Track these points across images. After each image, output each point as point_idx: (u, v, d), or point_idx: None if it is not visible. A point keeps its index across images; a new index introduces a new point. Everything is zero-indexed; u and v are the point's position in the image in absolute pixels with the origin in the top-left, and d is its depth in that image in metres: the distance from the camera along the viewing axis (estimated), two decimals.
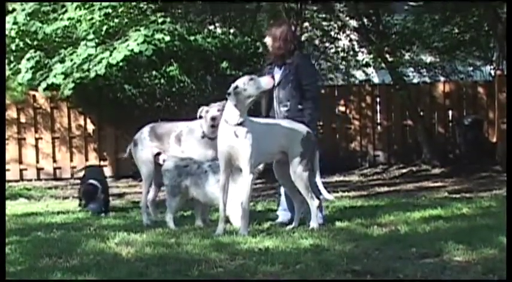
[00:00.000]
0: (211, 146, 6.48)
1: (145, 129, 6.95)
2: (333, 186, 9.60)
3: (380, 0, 12.68)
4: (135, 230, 6.11)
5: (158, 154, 6.80)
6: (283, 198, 6.61)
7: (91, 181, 7.82)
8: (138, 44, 8.99)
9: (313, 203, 6.09)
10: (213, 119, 6.44)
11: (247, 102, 5.81)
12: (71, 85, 9.24)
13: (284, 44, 6.40)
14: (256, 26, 14.49)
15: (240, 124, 5.76)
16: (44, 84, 9.31)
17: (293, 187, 6.18)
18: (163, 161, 6.62)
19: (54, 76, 9.10)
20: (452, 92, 13.23)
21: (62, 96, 10.40)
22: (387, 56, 12.96)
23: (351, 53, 15.66)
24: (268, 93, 6.29)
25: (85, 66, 8.99)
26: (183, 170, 6.35)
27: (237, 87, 5.81)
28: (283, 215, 6.59)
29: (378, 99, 13.38)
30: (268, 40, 6.49)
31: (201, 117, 6.58)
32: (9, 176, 11.25)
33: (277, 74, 6.42)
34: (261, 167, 6.21)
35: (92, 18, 9.51)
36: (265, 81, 5.90)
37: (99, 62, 8.94)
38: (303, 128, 6.12)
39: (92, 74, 8.97)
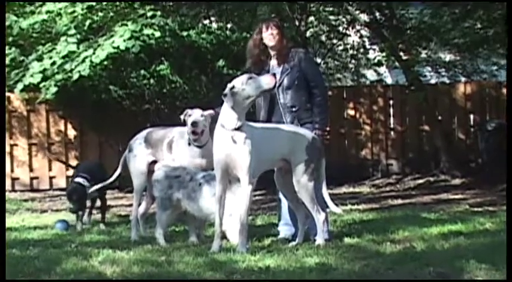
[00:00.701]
0: (199, 155, 6.49)
1: (141, 135, 6.97)
2: (341, 198, 9.61)
3: None
4: (121, 246, 6.11)
5: (154, 162, 6.82)
6: (285, 212, 6.61)
7: (78, 179, 7.67)
8: (124, 41, 9.02)
9: (319, 217, 6.10)
10: (194, 124, 6.44)
11: (246, 104, 5.83)
12: (54, 88, 9.26)
13: (284, 36, 6.49)
14: (256, 21, 14.52)
15: (238, 129, 5.78)
16: (20, 85, 9.33)
17: (296, 199, 6.19)
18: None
19: (31, 76, 9.12)
20: (474, 94, 13.26)
21: (42, 100, 10.42)
22: (401, 53, 12.99)
23: (361, 50, 15.72)
24: (269, 94, 6.32)
25: (67, 66, 9.01)
26: (175, 181, 6.36)
27: (234, 87, 5.83)
28: (285, 230, 6.59)
29: (391, 102, 13.41)
30: (275, 31, 6.47)
31: (185, 121, 6.60)
32: None
33: (277, 73, 6.44)
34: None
35: (73, 12, 9.54)
36: (266, 80, 5.90)
37: (82, 61, 8.96)
38: (307, 133, 6.14)
39: (75, 76, 8.98)
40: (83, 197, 7.60)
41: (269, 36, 6.48)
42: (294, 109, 6.40)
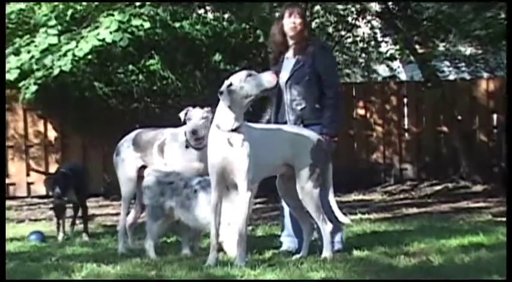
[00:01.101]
0: (197, 158, 6.50)
1: (130, 137, 6.95)
2: (350, 206, 9.62)
3: None
4: (107, 260, 6.11)
5: (144, 167, 6.82)
6: (287, 221, 6.62)
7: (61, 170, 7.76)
8: (111, 32, 9.03)
9: (326, 228, 6.11)
10: (194, 132, 6.45)
11: (244, 103, 5.84)
12: (34, 87, 9.26)
13: (306, 27, 6.52)
14: (256, 10, 14.53)
15: (235, 130, 5.78)
16: None
17: (301, 207, 6.20)
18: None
19: (8, 72, 9.12)
20: (497, 91, 13.27)
21: (23, 103, 10.44)
22: (417, 46, 13.01)
23: (373, 43, 15.70)
24: (275, 92, 6.34)
25: (47, 61, 9.01)
26: (167, 188, 6.37)
27: (231, 84, 5.84)
28: (288, 241, 6.60)
29: (405, 100, 13.43)
30: (298, 21, 6.50)
31: (185, 121, 6.59)
32: None
33: (288, 66, 6.47)
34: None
35: (53, 0, 9.55)
36: (267, 78, 5.91)
37: (64, 55, 8.96)
38: (312, 135, 6.15)
39: (56, 71, 8.99)
40: (68, 184, 7.60)
41: (290, 24, 6.49)
42: (299, 107, 6.41)
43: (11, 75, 9.16)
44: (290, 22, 6.49)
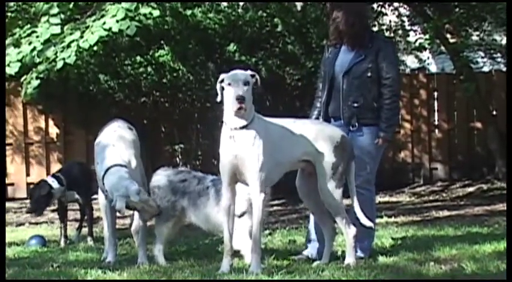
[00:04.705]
0: None
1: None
2: (375, 209, 9.59)
3: None
4: (113, 267, 6.15)
5: None
6: (311, 225, 6.65)
7: (48, 178, 7.86)
8: (117, 21, 9.02)
9: (349, 232, 6.11)
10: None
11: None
12: (36, 82, 9.29)
13: (360, 20, 6.48)
14: None
15: (245, 127, 5.79)
16: None
17: (322, 210, 6.22)
18: None
19: (8, 65, 9.14)
20: None
21: (24, 98, 10.47)
22: (448, 36, 12.96)
23: (400, 32, 15.67)
24: (328, 81, 6.39)
25: (49, 53, 9.02)
26: (179, 186, 6.39)
27: (222, 81, 5.87)
28: (310, 246, 6.61)
29: (435, 94, 13.40)
30: (338, 14, 6.49)
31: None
32: None
33: (346, 58, 6.46)
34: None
35: None
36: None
37: (68, 46, 8.98)
38: (337, 131, 6.14)
39: (59, 64, 9.01)
40: (44, 197, 7.70)
41: (334, 19, 6.50)
42: (355, 104, 6.41)
43: (11, 69, 9.16)
44: (334, 17, 6.51)
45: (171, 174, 6.49)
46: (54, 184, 7.71)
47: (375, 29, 15.96)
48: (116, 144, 6.62)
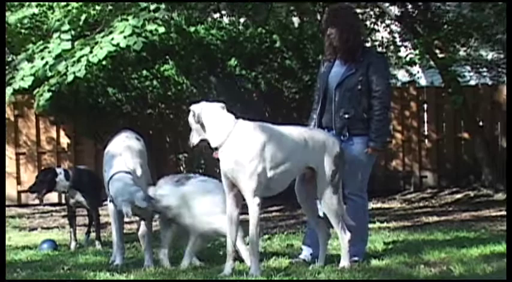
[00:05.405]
0: None
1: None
2: (368, 215, 9.57)
3: None
4: (120, 269, 6.14)
5: None
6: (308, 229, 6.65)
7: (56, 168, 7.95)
8: (125, 37, 9.04)
9: (345, 237, 6.11)
10: None
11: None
12: (48, 94, 9.29)
13: (354, 35, 6.47)
14: (273, 14, 14.57)
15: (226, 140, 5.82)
16: (9, 90, 9.36)
17: (318, 215, 6.22)
18: None
19: (22, 79, 9.15)
20: None
21: (37, 110, 10.48)
22: (437, 51, 12.97)
23: (392, 47, 15.69)
24: (322, 93, 6.42)
25: (60, 67, 9.04)
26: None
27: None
28: (306, 250, 6.60)
29: (425, 106, 13.39)
30: (332, 31, 6.48)
31: None
32: None
33: (339, 71, 6.46)
34: None
35: (67, 5, 9.59)
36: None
37: (78, 60, 8.99)
38: (337, 141, 6.15)
39: (70, 77, 9.01)
40: (47, 182, 7.70)
41: (329, 35, 6.47)
42: (346, 116, 6.40)
43: (25, 83, 9.18)
44: (328, 33, 6.48)
45: (168, 179, 6.46)
46: (61, 175, 7.73)
47: (368, 44, 16.03)
48: (123, 153, 6.65)
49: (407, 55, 15.39)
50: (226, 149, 5.78)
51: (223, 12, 14.38)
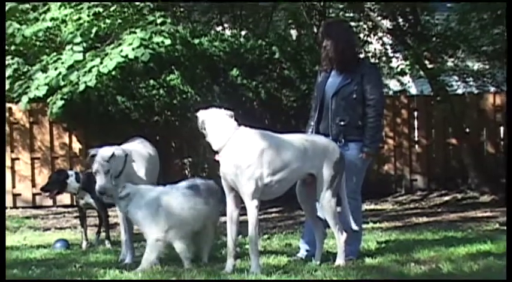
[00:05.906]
0: None
1: None
2: (362, 215, 9.57)
3: None
4: (130, 267, 6.14)
5: None
6: (305, 229, 6.65)
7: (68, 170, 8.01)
8: (133, 49, 9.07)
9: (341, 237, 6.11)
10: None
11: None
12: (60, 102, 9.30)
13: (348, 47, 6.47)
14: (272, 27, 14.59)
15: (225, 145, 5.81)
16: (25, 99, 9.36)
17: (316, 215, 6.23)
18: None
19: (37, 88, 9.16)
20: (504, 105, 13.21)
21: (50, 117, 10.47)
22: (426, 62, 12.98)
23: (384, 58, 15.70)
24: (319, 102, 6.42)
25: (72, 77, 9.05)
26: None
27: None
28: (303, 248, 6.61)
29: (415, 113, 13.40)
30: (328, 43, 6.48)
31: None
32: None
33: (335, 81, 6.46)
34: None
35: (79, 19, 9.60)
36: None
37: (89, 70, 9.00)
38: (337, 148, 6.16)
39: (81, 86, 9.03)
40: (59, 183, 7.71)
41: (325, 47, 6.48)
42: (342, 123, 6.40)
43: (39, 92, 9.21)
44: (323, 46, 6.49)
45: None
46: (72, 177, 7.71)
47: (362, 55, 16.04)
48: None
49: (398, 66, 15.41)
50: (226, 153, 5.78)
51: (226, 25, 14.42)
